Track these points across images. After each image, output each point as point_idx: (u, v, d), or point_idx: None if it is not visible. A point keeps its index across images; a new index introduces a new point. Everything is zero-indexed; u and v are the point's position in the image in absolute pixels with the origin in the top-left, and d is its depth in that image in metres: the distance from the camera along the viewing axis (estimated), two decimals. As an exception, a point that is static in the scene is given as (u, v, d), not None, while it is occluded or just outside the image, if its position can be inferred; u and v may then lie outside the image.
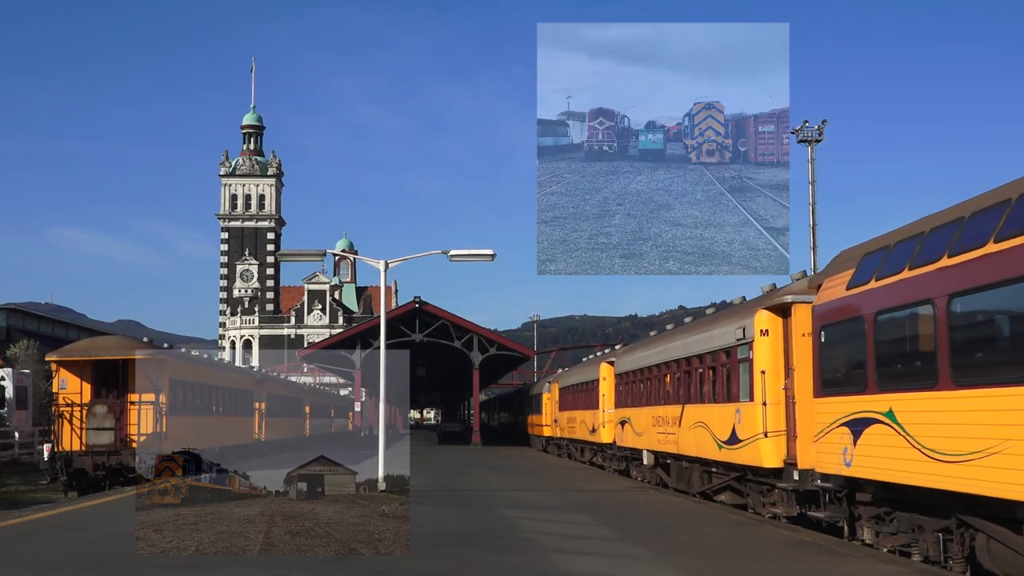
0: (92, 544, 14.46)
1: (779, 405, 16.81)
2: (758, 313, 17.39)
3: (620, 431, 29.91)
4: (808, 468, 15.54)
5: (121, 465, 27.51)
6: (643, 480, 27.71)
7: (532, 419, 58.62)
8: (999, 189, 10.76)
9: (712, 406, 20.21)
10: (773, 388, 16.88)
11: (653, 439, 25.36)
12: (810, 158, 47.18)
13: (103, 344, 31.14)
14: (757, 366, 17.31)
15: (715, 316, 22.24)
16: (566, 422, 42.84)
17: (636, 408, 27.63)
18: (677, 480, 23.78)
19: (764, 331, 17.19)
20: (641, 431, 26.80)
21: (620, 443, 30.04)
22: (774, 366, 16.97)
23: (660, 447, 24.63)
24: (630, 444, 28.49)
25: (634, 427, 27.73)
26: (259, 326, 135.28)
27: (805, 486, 15.89)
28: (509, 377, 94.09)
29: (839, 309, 13.87)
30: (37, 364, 51.69)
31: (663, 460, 25.33)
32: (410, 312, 60.63)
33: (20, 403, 44.34)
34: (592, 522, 17.65)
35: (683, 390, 22.58)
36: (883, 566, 12.31)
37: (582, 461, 39.05)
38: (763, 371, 17.07)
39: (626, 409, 29.06)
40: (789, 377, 16.74)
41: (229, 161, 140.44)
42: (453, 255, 24.46)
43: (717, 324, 20.59)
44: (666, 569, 12.11)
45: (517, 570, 11.96)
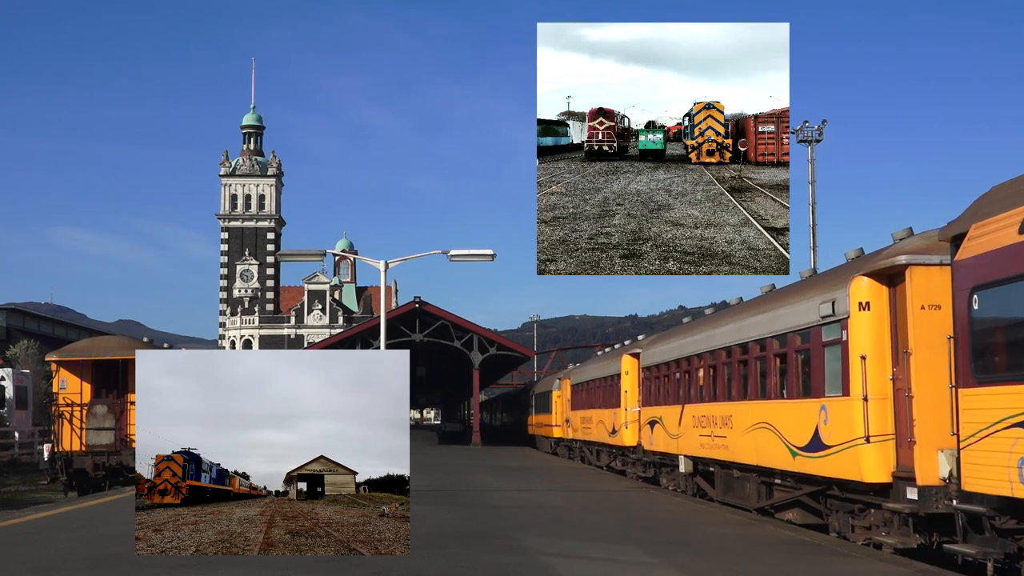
0: (92, 544, 14.46)
1: (885, 401, 13.30)
2: (855, 281, 13.78)
3: (648, 433, 26.36)
4: (931, 484, 12.32)
5: (121, 465, 27.52)
6: (676, 490, 24.28)
7: (538, 419, 55.12)
8: None
9: (782, 403, 16.61)
10: (877, 379, 13.30)
11: (692, 443, 21.82)
12: (810, 158, 47.20)
13: (103, 344, 31.16)
14: (854, 350, 13.66)
15: (781, 292, 18.49)
16: (579, 422, 39.20)
17: (670, 406, 24.01)
18: (724, 492, 20.39)
19: (864, 304, 13.60)
20: (677, 433, 23.16)
21: (649, 447, 26.43)
22: (878, 350, 13.43)
23: (702, 452, 21.17)
24: (661, 448, 24.94)
25: (667, 428, 24.20)
26: (259, 326, 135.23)
27: (929, 508, 12.39)
28: (509, 377, 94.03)
29: (1010, 260, 10.20)
30: (37, 364, 51.70)
31: (704, 468, 21.92)
32: (410, 312, 60.61)
33: (20, 403, 44.35)
34: (594, 522, 17.65)
35: (737, 384, 19.02)
36: (883, 566, 12.30)
37: (597, 465, 35.67)
38: (863, 356, 13.42)
39: (656, 407, 25.42)
40: (900, 364, 13.16)
41: (229, 161, 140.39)
42: (453, 255, 24.47)
43: (788, 300, 16.87)
44: (666, 569, 12.11)
45: (518, 570, 11.96)
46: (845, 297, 14.00)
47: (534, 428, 57.10)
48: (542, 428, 52.80)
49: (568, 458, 42.93)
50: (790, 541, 14.72)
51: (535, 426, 56.46)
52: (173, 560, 11.10)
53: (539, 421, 54.37)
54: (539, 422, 54.36)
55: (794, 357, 16.13)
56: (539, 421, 54.37)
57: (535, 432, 56.45)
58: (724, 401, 19.78)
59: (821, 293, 15.06)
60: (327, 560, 11.10)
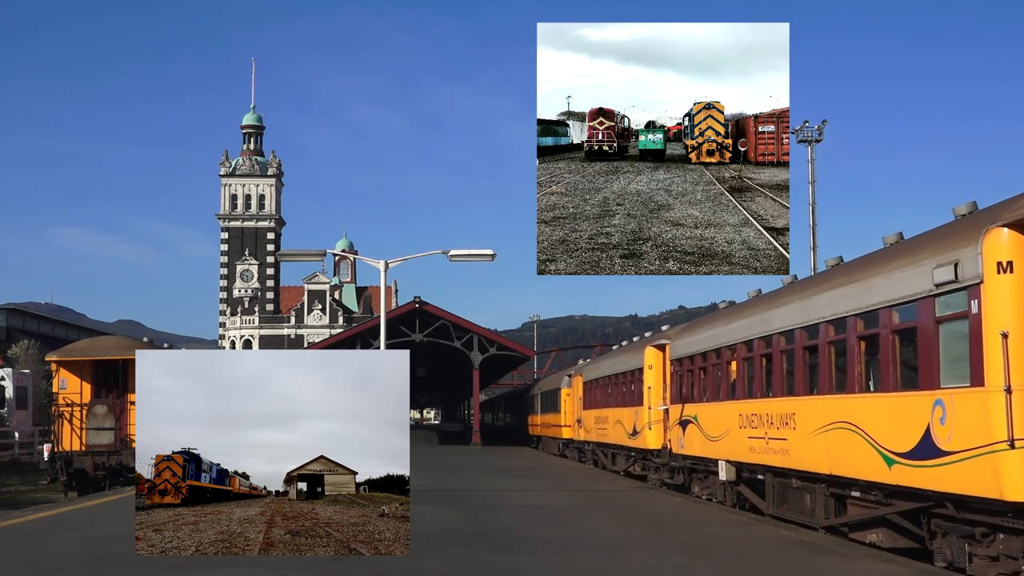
0: (92, 544, 14.46)
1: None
2: (991, 235, 10.70)
3: (679, 434, 22.85)
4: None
5: (121, 465, 27.52)
6: (712, 499, 21.24)
7: (544, 419, 51.75)
8: None
9: (872, 398, 13.34)
10: (1022, 364, 10.41)
11: (737, 446, 18.82)
12: (810, 158, 47.20)
13: (103, 344, 31.17)
14: (991, 325, 10.58)
15: (861, 261, 14.75)
16: (593, 422, 35.76)
17: (707, 404, 20.85)
18: (778, 504, 17.36)
19: (1005, 265, 10.52)
20: (717, 434, 19.99)
21: (679, 449, 22.88)
22: (1021, 324, 10.44)
23: (750, 457, 18.13)
24: (696, 452, 21.59)
25: (703, 429, 20.95)
26: (259, 326, 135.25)
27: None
28: (509, 377, 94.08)
29: None
30: (37, 364, 51.70)
31: (751, 475, 18.98)
32: (410, 312, 60.63)
33: (20, 403, 44.36)
34: (594, 522, 17.65)
35: (802, 375, 15.76)
36: (883, 566, 12.30)
37: (613, 470, 32.48)
38: (1004, 334, 10.38)
39: (690, 405, 22.04)
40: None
41: (229, 161, 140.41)
42: (453, 255, 24.47)
43: (878, 268, 13.43)
44: (667, 569, 12.12)
45: (518, 570, 11.96)
46: (975, 256, 10.80)
47: (539, 428, 54.18)
48: (549, 428, 49.71)
49: (579, 461, 40.47)
50: (790, 541, 14.71)
51: (540, 426, 53.56)
52: (173, 560, 11.11)
53: (545, 421, 51.20)
54: (546, 422, 51.18)
55: (890, 339, 12.77)
56: (545, 421, 51.20)
57: (540, 433, 53.59)
58: (783, 396, 16.50)
59: (934, 255, 11.78)
60: (327, 560, 11.10)
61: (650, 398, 26.11)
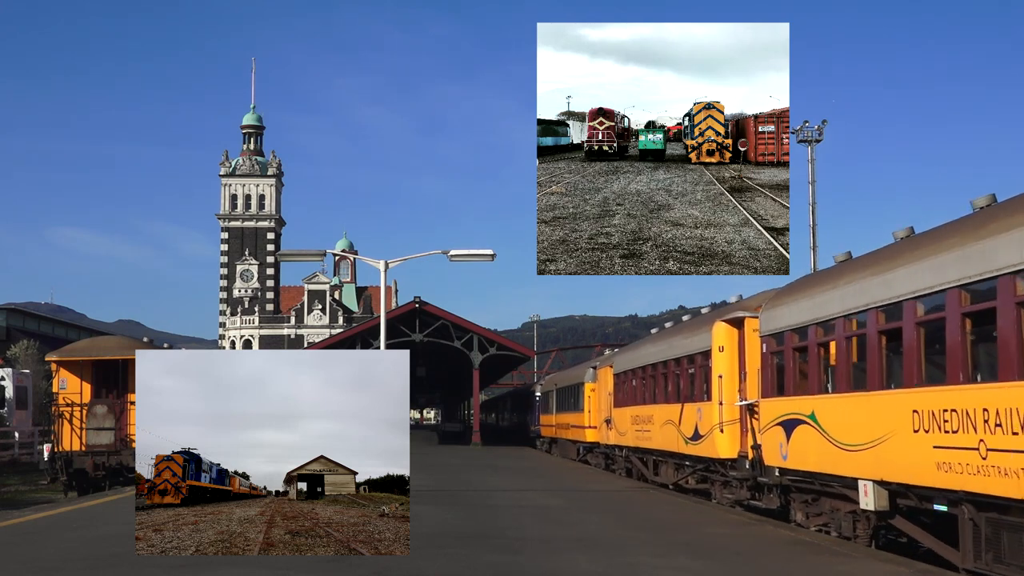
0: (92, 544, 14.46)
1: None
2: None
3: (779, 439, 16.65)
4: None
5: (121, 465, 27.52)
6: (833, 532, 15.45)
7: (560, 419, 44.73)
8: None
9: None
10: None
11: (902, 458, 12.55)
12: (810, 158, 47.20)
13: (103, 344, 31.18)
14: None
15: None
16: (629, 423, 29.13)
17: (837, 396, 14.74)
18: (985, 551, 11.26)
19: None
20: (856, 441, 13.75)
21: (780, 462, 16.67)
22: None
23: (932, 478, 11.89)
24: (812, 466, 15.43)
25: (829, 433, 14.73)
26: (259, 326, 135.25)
27: None
28: (509, 377, 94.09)
29: None
30: (37, 364, 51.71)
31: (919, 503, 12.80)
32: (410, 312, 60.62)
33: (20, 403, 44.37)
34: (594, 522, 17.64)
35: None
36: (883, 566, 12.30)
37: (660, 483, 26.17)
38: None
39: (800, 398, 15.97)
40: None
41: (229, 161, 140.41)
42: (453, 255, 24.47)
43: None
44: (667, 569, 12.12)
45: (517, 570, 11.96)
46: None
47: (554, 429, 46.77)
48: (567, 430, 42.60)
49: (606, 469, 34.08)
50: (790, 541, 14.71)
51: (556, 427, 46.07)
52: (173, 560, 11.11)
53: (562, 421, 43.91)
54: (562, 422, 43.90)
55: None
56: (562, 421, 43.91)
57: (555, 435, 46.31)
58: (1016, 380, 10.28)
59: None
60: (327, 560, 11.09)
61: (721, 391, 19.97)
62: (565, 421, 43.40)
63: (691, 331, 23.06)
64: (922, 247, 12.69)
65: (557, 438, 46.59)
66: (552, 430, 47.95)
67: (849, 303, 14.29)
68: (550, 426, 48.60)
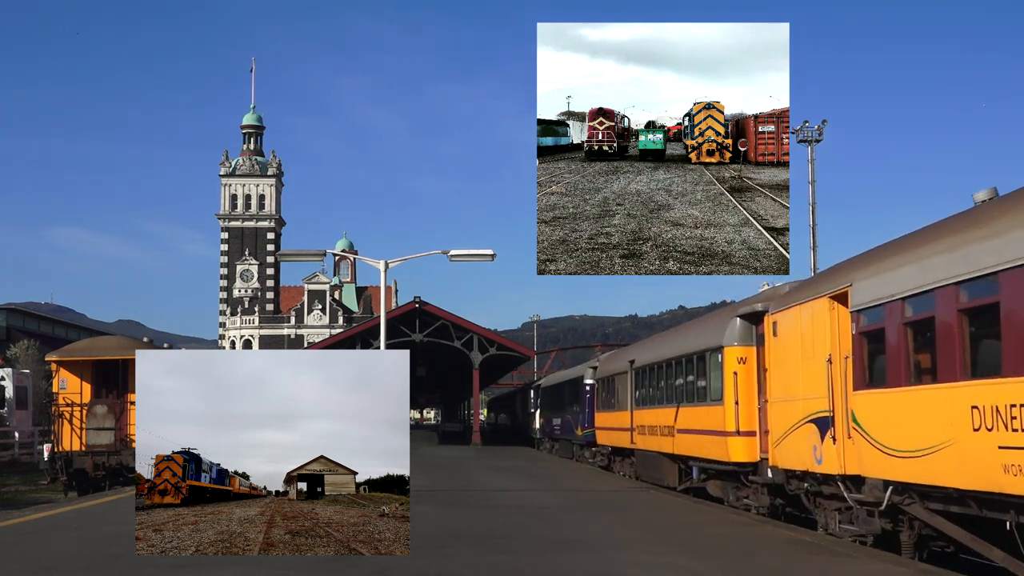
0: (92, 544, 14.46)
1: None
2: None
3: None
4: None
5: (121, 465, 27.52)
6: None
7: (646, 416, 26.77)
8: None
9: None
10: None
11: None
12: (810, 158, 47.20)
13: (103, 344, 31.18)
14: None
15: None
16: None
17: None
18: None
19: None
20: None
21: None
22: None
23: None
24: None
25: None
26: (259, 326, 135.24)
27: None
28: (509, 377, 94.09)
29: None
30: (37, 364, 51.70)
31: None
32: (410, 312, 60.62)
33: (20, 403, 44.37)
34: (594, 522, 17.65)
35: None
36: (883, 566, 12.30)
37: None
38: None
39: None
40: None
41: (229, 161, 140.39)
42: (453, 255, 24.47)
43: None
44: (667, 569, 12.11)
45: (518, 570, 11.96)
46: None
47: (629, 435, 29.07)
48: (667, 437, 24.66)
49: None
50: (791, 541, 14.70)
51: (638, 430, 28.01)
52: (173, 560, 11.11)
53: (657, 421, 25.76)
54: (657, 423, 25.67)
55: None
56: (657, 421, 25.76)
57: (633, 444, 28.49)
58: None
59: None
60: (327, 560, 11.09)
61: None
62: (662, 421, 25.01)
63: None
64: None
65: (638, 450, 27.82)
66: (621, 437, 30.09)
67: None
68: (618, 430, 30.71)
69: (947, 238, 11.63)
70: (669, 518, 18.40)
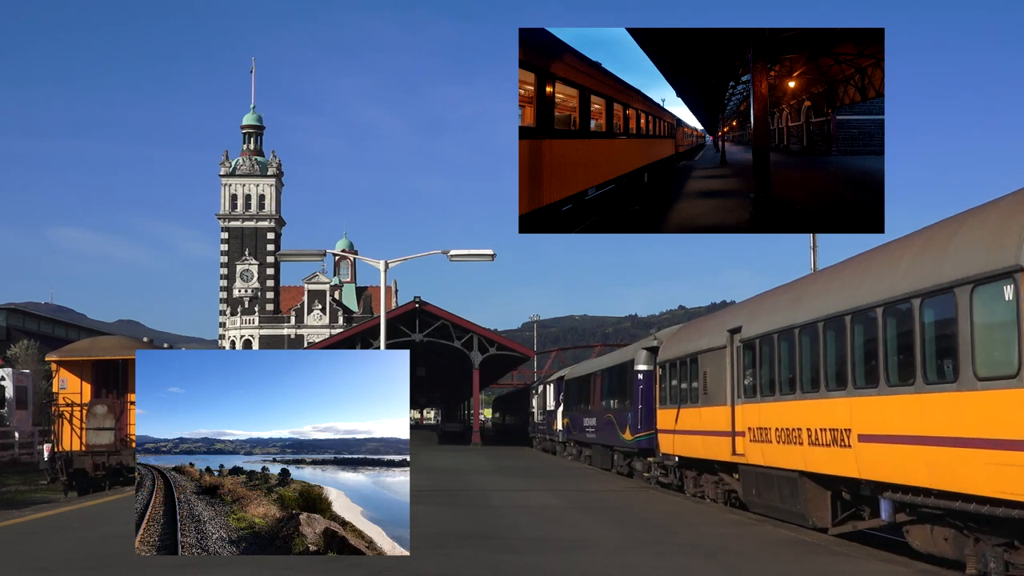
0: (92, 544, 14.46)
1: None
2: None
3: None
4: None
5: (121, 465, 27.51)
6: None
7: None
8: None
9: None
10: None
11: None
12: (810, 158, 47.15)
13: (103, 344, 31.15)
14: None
15: None
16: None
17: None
18: None
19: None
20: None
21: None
22: None
23: None
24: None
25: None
26: (259, 326, 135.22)
27: None
28: (509, 377, 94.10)
29: None
30: (37, 364, 51.70)
31: None
32: (410, 312, 60.64)
33: (20, 403, 44.34)
34: (594, 522, 17.64)
35: None
36: (883, 566, 12.30)
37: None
38: None
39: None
40: None
41: (229, 161, 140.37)
42: (453, 255, 24.47)
43: None
44: (667, 569, 12.12)
45: (518, 570, 11.96)
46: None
47: (731, 445, 18.71)
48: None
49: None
50: (791, 541, 14.70)
51: (754, 433, 17.32)
52: (173, 560, 11.11)
53: (753, 417, 17.32)
54: (753, 420, 17.34)
55: None
56: (753, 417, 17.32)
57: (743, 456, 18.03)
58: None
59: None
60: (327, 560, 11.09)
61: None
62: (815, 420, 14.64)
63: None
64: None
65: (747, 466, 18.15)
66: (712, 445, 20.25)
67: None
68: (704, 434, 20.91)
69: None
70: (669, 517, 18.36)
